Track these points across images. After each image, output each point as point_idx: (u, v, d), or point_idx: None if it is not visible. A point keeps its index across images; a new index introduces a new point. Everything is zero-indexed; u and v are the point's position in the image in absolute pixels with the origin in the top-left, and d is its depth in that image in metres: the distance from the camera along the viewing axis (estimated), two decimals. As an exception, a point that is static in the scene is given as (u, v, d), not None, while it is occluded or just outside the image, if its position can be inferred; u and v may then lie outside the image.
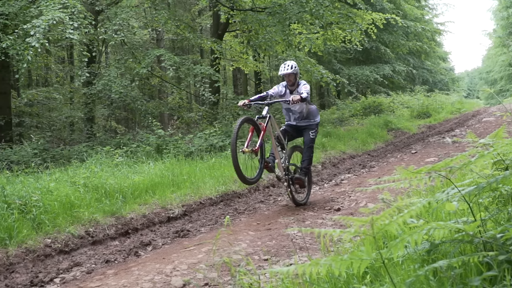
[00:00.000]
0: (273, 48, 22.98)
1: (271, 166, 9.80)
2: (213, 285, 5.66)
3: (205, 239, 7.94)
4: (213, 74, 20.71)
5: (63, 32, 16.04)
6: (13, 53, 16.09)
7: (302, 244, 6.99)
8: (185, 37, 23.53)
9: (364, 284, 3.61)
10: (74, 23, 15.50)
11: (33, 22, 14.90)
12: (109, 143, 18.16)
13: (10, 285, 6.71)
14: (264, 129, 9.44)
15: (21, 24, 16.28)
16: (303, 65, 23.32)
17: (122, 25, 18.69)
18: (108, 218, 9.23)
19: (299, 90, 10.18)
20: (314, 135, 10.49)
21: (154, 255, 7.53)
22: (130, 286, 5.79)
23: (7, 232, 7.82)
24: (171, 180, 11.68)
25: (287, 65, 10.20)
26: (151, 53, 20.51)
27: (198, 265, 6.42)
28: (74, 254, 8.02)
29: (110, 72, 20.48)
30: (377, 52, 38.54)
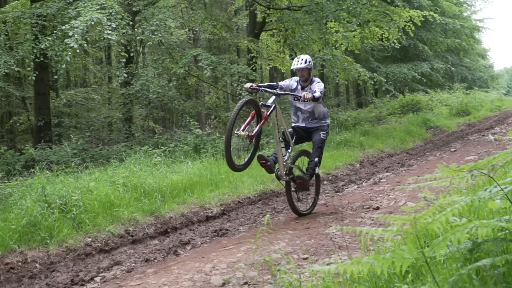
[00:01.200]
0: (309, 46, 22.89)
1: (270, 165, 8.89)
2: (252, 284, 5.66)
3: (243, 238, 7.94)
4: (250, 73, 20.70)
5: (101, 33, 16.17)
6: (51, 54, 16.28)
7: (341, 243, 6.95)
8: (221, 37, 23.53)
9: (406, 283, 3.57)
10: (112, 23, 15.61)
11: (72, 23, 15.04)
12: (147, 143, 18.27)
13: (51, 284, 6.78)
14: (266, 117, 8.65)
15: (59, 25, 16.46)
16: (340, 63, 23.23)
17: (159, 25, 18.78)
18: (148, 217, 9.28)
19: (312, 87, 9.46)
20: (325, 136, 9.64)
21: (193, 254, 7.55)
22: (170, 284, 5.81)
23: (48, 232, 7.91)
24: (209, 179, 11.70)
25: (300, 59, 9.40)
26: (188, 53, 20.56)
27: (238, 264, 6.42)
28: (114, 253, 8.08)
29: (147, 72, 20.61)
30: (415, 49, 38.24)
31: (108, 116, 28.31)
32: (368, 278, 3.89)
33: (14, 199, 9.07)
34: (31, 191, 9.12)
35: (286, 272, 4.34)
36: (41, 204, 8.37)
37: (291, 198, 9.43)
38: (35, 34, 17.42)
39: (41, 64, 18.94)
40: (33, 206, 8.27)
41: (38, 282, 6.97)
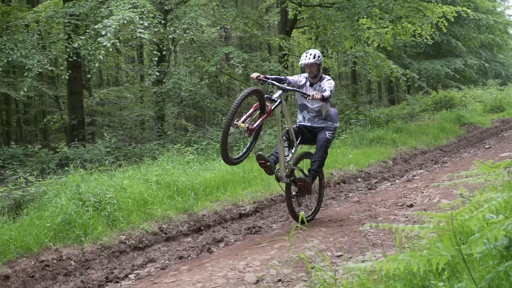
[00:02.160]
0: (341, 43, 22.81)
1: (270, 166, 8.21)
2: (286, 281, 5.65)
3: (277, 236, 7.93)
4: (281, 71, 20.67)
5: (133, 31, 16.27)
6: (84, 53, 16.44)
7: (375, 241, 6.91)
8: (253, 34, 23.55)
9: (441, 280, 3.54)
10: (144, 22, 15.70)
11: (104, 22, 15.16)
12: (180, 141, 18.35)
13: (85, 281, 6.85)
14: (269, 112, 7.94)
15: (92, 24, 16.60)
16: (373, 60, 23.10)
17: (191, 23, 18.81)
18: (181, 215, 9.32)
19: (322, 85, 8.79)
20: (330, 135, 8.84)
21: (226, 251, 7.56)
22: (204, 282, 5.83)
23: (83, 229, 7.99)
24: (242, 176, 11.71)
25: (309, 53, 8.74)
26: (219, 51, 20.60)
27: (271, 261, 6.42)
28: (148, 250, 8.13)
29: (179, 71, 20.68)
30: (448, 45, 37.87)
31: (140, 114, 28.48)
32: (403, 276, 3.87)
33: (49, 197, 9.15)
34: (65, 189, 9.20)
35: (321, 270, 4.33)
36: (76, 202, 8.45)
37: (291, 203, 8.74)
38: (68, 33, 17.59)
39: (74, 63, 19.12)
40: (67, 204, 8.35)
41: (73, 279, 7.04)
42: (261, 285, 5.64)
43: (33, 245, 7.50)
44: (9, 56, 16.67)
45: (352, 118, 22.27)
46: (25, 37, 17.66)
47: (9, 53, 16.68)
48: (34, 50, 17.24)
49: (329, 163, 13.73)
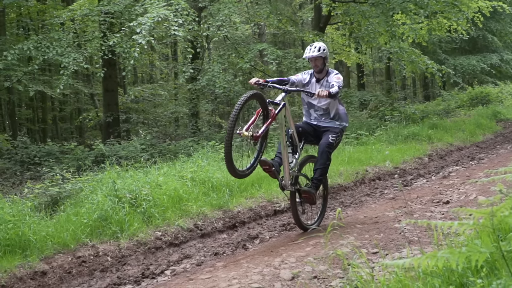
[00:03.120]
0: (376, 39, 22.69)
1: (274, 170, 7.70)
2: (322, 278, 5.63)
3: (311, 232, 7.92)
4: (315, 67, 20.62)
5: (167, 29, 16.34)
6: (119, 51, 16.54)
7: (411, 238, 6.86)
8: (287, 31, 23.53)
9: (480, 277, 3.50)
10: (178, 20, 15.76)
11: (139, 19, 15.26)
12: (214, 137, 18.40)
13: (122, 277, 6.89)
14: (274, 116, 7.33)
15: (126, 22, 16.71)
16: (407, 56, 22.93)
17: (224, 21, 18.84)
18: (216, 211, 9.34)
19: (329, 80, 8.11)
20: (333, 139, 8.09)
21: (261, 248, 7.57)
22: (239, 278, 5.83)
23: (119, 225, 8.05)
24: (277, 173, 11.70)
25: (313, 46, 8.06)
26: (253, 48, 20.59)
27: (306, 258, 6.41)
28: (183, 246, 8.16)
29: (213, 68, 20.71)
30: (483, 41, 37.44)
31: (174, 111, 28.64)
32: (441, 273, 3.83)
33: (85, 193, 9.23)
34: (101, 185, 9.27)
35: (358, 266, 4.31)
36: (112, 198, 8.51)
37: (297, 212, 8.13)
38: (103, 31, 17.74)
39: (109, 61, 19.28)
40: (104, 201, 8.41)
41: (109, 275, 7.09)
42: (296, 282, 5.63)
43: (70, 241, 7.57)
44: (45, 54, 16.87)
45: (387, 114, 22.14)
46: (61, 36, 17.83)
47: (45, 51, 16.87)
48: (69, 48, 17.42)
49: (364, 159, 13.71)
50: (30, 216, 7.99)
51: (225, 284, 5.67)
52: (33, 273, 6.83)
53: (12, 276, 6.63)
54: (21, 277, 6.69)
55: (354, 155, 14.11)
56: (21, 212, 7.98)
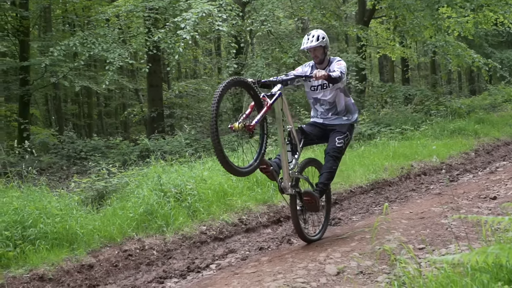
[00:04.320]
0: (421, 33, 22.44)
1: (272, 170, 6.94)
2: (367, 273, 5.60)
3: (356, 228, 7.87)
4: (360, 62, 20.52)
5: (211, 24, 16.40)
6: (164, 46, 16.65)
7: (458, 233, 6.77)
8: (330, 25, 23.42)
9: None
10: (222, 15, 15.81)
11: (183, 15, 15.35)
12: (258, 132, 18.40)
13: (167, 271, 6.94)
14: (269, 105, 6.56)
15: (171, 18, 16.81)
16: (453, 49, 22.65)
17: (268, 15, 18.82)
18: (260, 206, 9.34)
19: (331, 68, 7.35)
20: (341, 141, 7.36)
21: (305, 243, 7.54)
22: (284, 273, 5.82)
23: (164, 220, 8.10)
24: (321, 168, 11.68)
25: (311, 35, 7.33)
26: (297, 42, 20.55)
27: (352, 253, 6.37)
28: (228, 241, 8.19)
29: (257, 63, 20.71)
30: (531, 34, 36.83)
31: (219, 106, 28.71)
32: (489, 269, 3.79)
33: (131, 188, 9.31)
34: (147, 180, 9.34)
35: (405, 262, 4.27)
36: (157, 193, 8.57)
37: (297, 219, 7.29)
38: (147, 27, 17.88)
39: (154, 57, 19.43)
40: (149, 195, 8.47)
41: (155, 269, 7.15)
42: (342, 277, 5.60)
43: (116, 235, 7.65)
44: (91, 50, 17.08)
45: (432, 109, 21.92)
46: (106, 31, 18.03)
47: (91, 47, 17.09)
48: (114, 44, 17.61)
49: (409, 154, 13.60)
50: (77, 210, 8.09)
51: (270, 278, 5.67)
52: (80, 266, 6.91)
53: (60, 269, 6.72)
54: (68, 270, 6.77)
55: (399, 150, 14.01)
56: (68, 206, 8.08)
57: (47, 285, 6.45)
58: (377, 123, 18.41)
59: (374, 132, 17.10)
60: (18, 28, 21.13)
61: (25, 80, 21.19)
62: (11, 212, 7.22)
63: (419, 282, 4.04)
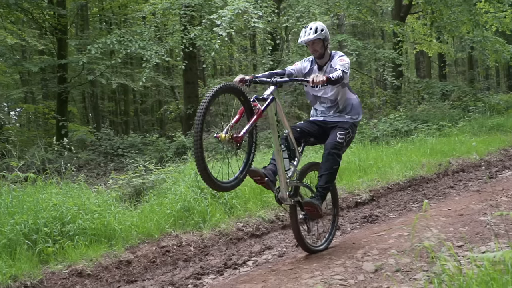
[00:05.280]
0: (458, 28, 22.27)
1: (268, 181, 6.23)
2: (405, 271, 5.56)
3: (394, 225, 7.82)
4: (396, 58, 20.39)
5: (247, 21, 16.42)
6: (200, 43, 16.70)
7: (497, 231, 6.69)
8: (366, 21, 23.32)
9: None
10: (258, 12, 15.81)
11: (219, 12, 15.38)
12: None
13: (205, 267, 6.95)
14: (260, 113, 5.86)
15: (206, 15, 16.86)
16: (491, 45, 22.41)
17: (304, 12, 18.79)
18: (297, 203, 9.32)
19: (333, 64, 6.66)
20: (342, 137, 6.58)
21: (343, 239, 7.51)
22: (322, 269, 5.81)
23: (201, 216, 8.13)
24: (358, 165, 11.64)
25: (309, 28, 6.59)
26: (333, 39, 20.50)
27: (389, 250, 6.33)
28: (265, 237, 8.19)
29: (293, 59, 20.67)
30: None
31: (254, 103, 28.73)
32: (531, 267, 3.74)
33: (168, 184, 9.35)
34: (184, 177, 9.37)
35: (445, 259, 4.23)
36: (194, 189, 8.60)
37: (298, 230, 6.64)
38: (183, 24, 17.95)
39: (189, 54, 19.50)
40: (186, 192, 8.50)
41: (192, 265, 7.16)
42: (380, 274, 5.57)
43: (154, 231, 7.69)
44: (128, 48, 17.23)
45: (470, 105, 21.72)
46: (143, 29, 18.16)
47: (128, 45, 17.23)
48: (151, 41, 17.72)
49: (447, 151, 13.49)
50: (115, 206, 8.15)
51: (308, 275, 5.66)
52: (118, 262, 6.96)
53: (98, 265, 6.78)
54: (106, 266, 6.83)
55: (437, 147, 13.90)
56: (106, 202, 8.15)
57: (85, 281, 6.51)
58: (414, 119, 18.29)
59: (411, 128, 16.99)
60: (56, 26, 21.38)
61: (63, 77, 21.45)
62: (50, 208, 7.30)
63: (459, 280, 3.99)
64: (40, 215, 7.11)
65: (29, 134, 27.04)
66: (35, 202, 7.43)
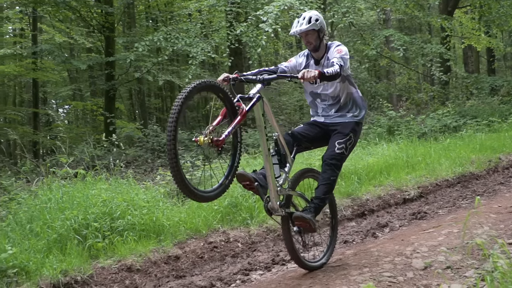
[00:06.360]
0: (507, 22, 21.93)
1: (257, 186, 5.63)
2: (455, 268, 5.49)
3: (443, 221, 7.73)
4: (444, 53, 20.16)
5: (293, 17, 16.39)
6: (246, 40, 16.72)
7: (550, 228, 6.59)
8: (413, 16, 23.09)
9: None
10: (304, 7, 15.77)
11: (265, 8, 15.39)
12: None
13: (252, 263, 6.97)
14: (244, 113, 5.25)
15: (252, 11, 16.87)
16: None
17: (349, 7, 18.71)
18: (344, 199, 9.29)
19: (329, 56, 5.96)
20: (342, 146, 5.94)
21: (391, 236, 7.46)
22: (370, 266, 5.77)
23: (249, 212, 8.15)
24: (406, 161, 11.56)
25: (302, 17, 5.92)
26: (379, 34, 20.36)
27: (439, 247, 6.25)
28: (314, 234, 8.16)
29: (339, 55, 20.60)
30: None
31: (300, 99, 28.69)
32: None
33: (215, 180, 9.36)
34: (232, 172, 9.40)
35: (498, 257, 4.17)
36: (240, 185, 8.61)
37: (291, 243, 5.96)
38: (229, 21, 17.98)
39: (235, 50, 19.52)
40: (234, 188, 8.51)
41: (240, 261, 7.18)
42: (429, 272, 5.51)
43: (201, 227, 7.73)
44: (174, 45, 17.32)
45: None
46: (189, 26, 18.26)
47: (174, 42, 17.33)
48: (197, 38, 17.80)
49: (496, 147, 13.32)
50: (163, 202, 8.23)
51: (356, 272, 5.62)
52: (167, 257, 7.02)
53: (147, 260, 6.85)
54: (155, 261, 6.89)
55: (486, 143, 13.72)
56: (154, 198, 8.23)
57: (135, 276, 6.57)
58: (462, 115, 18.08)
59: (459, 124, 16.81)
60: (103, 24, 21.63)
61: (111, 75, 21.69)
62: (100, 204, 7.39)
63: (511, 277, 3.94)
64: (90, 210, 7.21)
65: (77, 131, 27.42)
66: (85, 198, 7.54)
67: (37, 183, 9.06)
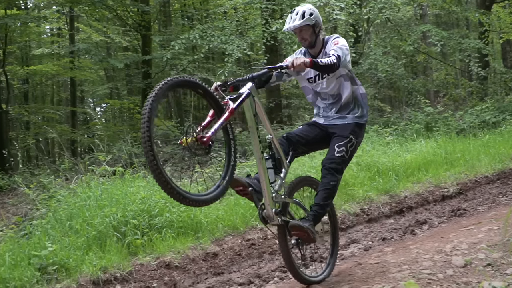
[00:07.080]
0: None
1: (251, 192, 5.23)
2: (496, 266, 5.42)
3: (483, 218, 7.65)
4: (483, 48, 19.93)
5: (329, 13, 16.35)
6: (281, 37, 16.71)
7: None
8: (451, 11, 22.86)
9: None
10: (340, 4, 15.71)
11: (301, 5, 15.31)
12: (377, 122, 18.25)
13: (280, 260, 6.96)
14: (232, 110, 4.80)
15: (287, 8, 16.85)
16: None
17: (386, 3, 18.58)
18: (382, 196, 9.25)
19: (327, 50, 5.52)
20: (342, 149, 5.51)
21: (430, 233, 7.42)
22: (410, 264, 5.72)
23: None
24: (444, 158, 11.47)
25: (295, 13, 5.50)
26: (416, 30, 20.21)
27: (479, 244, 6.18)
28: (350, 231, 8.15)
29: (375, 51, 20.48)
30: None
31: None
32: None
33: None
34: (268, 170, 9.40)
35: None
36: (281, 183, 8.63)
37: (289, 255, 5.51)
38: (265, 18, 17.97)
39: (271, 47, 19.51)
40: (270, 185, 8.53)
41: (278, 258, 7.18)
42: (469, 269, 5.45)
43: (239, 224, 7.75)
44: (210, 43, 17.36)
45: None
46: (224, 24, 18.29)
47: (210, 40, 17.37)
48: (233, 36, 17.82)
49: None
50: (200, 199, 8.25)
51: (395, 269, 5.58)
52: (205, 254, 7.05)
53: (185, 257, 6.88)
54: (193, 258, 6.92)
55: (526, 138, 13.55)
56: (192, 195, 8.25)
57: (173, 273, 6.61)
58: (501, 110, 17.84)
59: (498, 120, 16.60)
60: (139, 23, 21.80)
61: (147, 73, 21.87)
62: (138, 201, 7.45)
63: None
64: (128, 208, 7.27)
65: (115, 129, 27.62)
66: (124, 195, 7.60)
67: (76, 181, 9.17)
